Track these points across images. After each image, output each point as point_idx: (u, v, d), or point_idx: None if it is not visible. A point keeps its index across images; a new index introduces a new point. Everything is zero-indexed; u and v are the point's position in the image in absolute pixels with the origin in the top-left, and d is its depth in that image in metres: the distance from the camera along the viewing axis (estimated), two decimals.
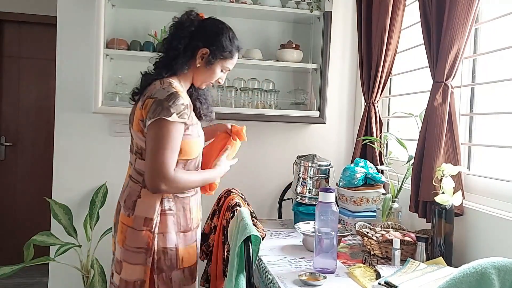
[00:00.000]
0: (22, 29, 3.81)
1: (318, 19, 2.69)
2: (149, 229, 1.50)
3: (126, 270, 1.53)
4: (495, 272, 0.98)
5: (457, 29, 1.65)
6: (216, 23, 1.67)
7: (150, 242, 1.50)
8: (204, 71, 1.62)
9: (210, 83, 1.67)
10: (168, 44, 1.60)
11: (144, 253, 1.50)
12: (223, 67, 1.64)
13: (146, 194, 1.52)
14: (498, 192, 1.64)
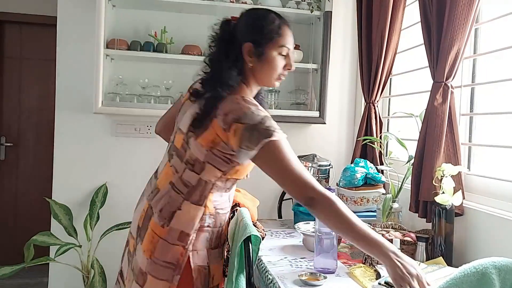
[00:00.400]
0: (22, 29, 3.81)
1: (318, 19, 2.69)
2: (183, 245, 1.37)
3: (151, 283, 1.37)
4: (495, 272, 0.98)
5: (457, 29, 1.65)
6: (246, 14, 1.44)
7: (180, 259, 1.37)
8: (261, 67, 1.40)
9: (279, 75, 1.44)
10: (210, 61, 1.43)
11: (172, 269, 1.36)
12: (280, 50, 1.39)
13: (188, 207, 1.38)
14: (498, 192, 1.64)
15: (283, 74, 1.45)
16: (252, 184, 2.66)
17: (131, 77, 2.56)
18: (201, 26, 2.69)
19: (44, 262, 2.41)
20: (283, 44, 1.39)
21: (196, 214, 1.39)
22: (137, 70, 2.63)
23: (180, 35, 2.64)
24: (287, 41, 1.40)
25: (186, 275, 1.37)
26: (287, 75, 1.49)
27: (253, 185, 2.72)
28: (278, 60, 1.41)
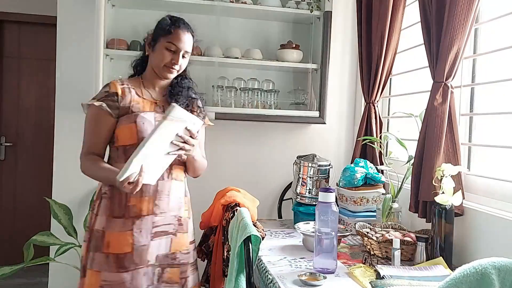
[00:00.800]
0: (22, 29, 3.81)
1: (318, 19, 2.69)
2: (92, 210, 1.68)
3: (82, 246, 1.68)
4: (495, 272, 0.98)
5: (457, 29, 1.65)
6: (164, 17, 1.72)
7: (90, 222, 1.65)
8: (153, 56, 1.68)
9: (165, 67, 1.65)
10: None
11: (88, 232, 1.65)
12: (167, 45, 1.63)
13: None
14: (498, 192, 1.64)
15: (171, 67, 1.66)
16: (252, 184, 2.67)
17: None
18: (201, 26, 2.68)
19: (44, 262, 2.41)
20: (171, 41, 1.64)
21: (99, 183, 1.69)
22: None
23: None
24: (176, 40, 1.64)
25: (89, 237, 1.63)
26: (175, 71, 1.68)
27: (253, 185, 2.73)
28: (165, 53, 1.64)
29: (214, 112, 2.52)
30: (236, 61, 2.57)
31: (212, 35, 2.63)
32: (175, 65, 1.65)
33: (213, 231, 1.87)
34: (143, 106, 1.67)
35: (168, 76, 1.69)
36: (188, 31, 1.67)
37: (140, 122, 1.61)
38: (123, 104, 1.63)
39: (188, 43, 1.67)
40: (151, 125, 1.62)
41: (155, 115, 1.66)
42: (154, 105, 1.70)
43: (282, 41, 2.74)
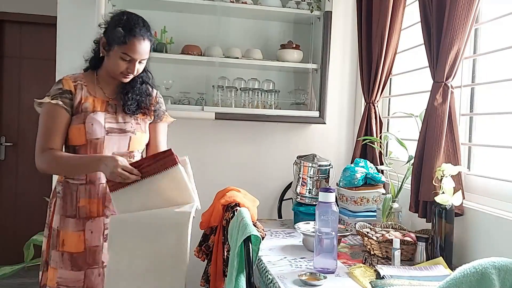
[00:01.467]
0: (22, 29, 3.81)
1: (318, 19, 2.69)
2: (49, 208, 1.69)
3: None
4: (495, 272, 0.98)
5: (457, 29, 1.65)
6: (119, 14, 1.65)
7: (48, 219, 1.68)
8: (107, 61, 1.62)
9: (121, 74, 1.61)
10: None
11: (47, 228, 1.69)
12: (122, 56, 1.57)
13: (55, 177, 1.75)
14: (498, 192, 1.64)
15: (126, 74, 1.61)
16: (252, 184, 2.67)
17: None
18: (201, 26, 2.69)
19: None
20: (125, 52, 1.56)
21: (55, 181, 1.71)
22: None
23: (180, 35, 2.64)
24: (131, 51, 1.57)
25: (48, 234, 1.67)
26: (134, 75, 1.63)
27: (253, 185, 2.73)
28: (119, 62, 1.58)
29: (214, 112, 2.52)
30: (237, 61, 2.58)
31: (212, 35, 2.63)
32: (130, 74, 1.62)
33: (213, 231, 1.87)
34: (93, 105, 1.64)
35: (124, 80, 1.65)
36: (144, 38, 1.59)
37: (89, 123, 1.60)
38: (75, 102, 1.62)
39: (145, 51, 1.60)
40: (100, 126, 1.61)
41: (106, 116, 1.64)
42: (106, 104, 1.67)
43: (282, 41, 2.74)
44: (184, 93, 2.63)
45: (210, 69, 2.61)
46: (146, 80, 1.73)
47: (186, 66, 2.66)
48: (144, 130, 1.72)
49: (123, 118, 1.67)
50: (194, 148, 2.70)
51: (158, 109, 1.78)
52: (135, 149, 1.70)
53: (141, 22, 1.61)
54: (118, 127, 1.66)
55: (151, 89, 1.76)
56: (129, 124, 1.67)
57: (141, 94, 1.69)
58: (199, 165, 2.73)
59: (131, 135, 1.67)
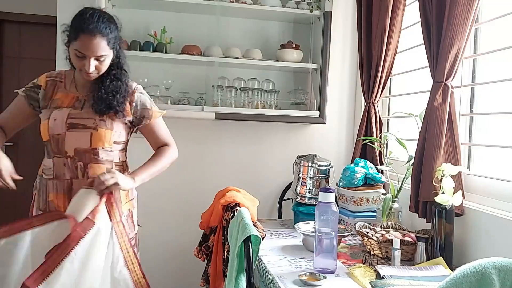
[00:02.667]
0: (22, 29, 3.81)
1: (318, 19, 2.69)
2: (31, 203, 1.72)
3: None
4: (495, 272, 0.98)
5: (457, 29, 1.65)
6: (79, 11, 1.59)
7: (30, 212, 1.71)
8: (70, 56, 1.60)
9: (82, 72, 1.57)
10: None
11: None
12: (75, 52, 1.53)
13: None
14: (498, 192, 1.64)
15: (86, 72, 1.57)
16: (252, 184, 2.67)
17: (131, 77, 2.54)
18: (201, 26, 2.69)
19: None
20: (76, 49, 1.53)
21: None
22: (136, 70, 2.62)
23: (180, 35, 2.64)
24: (81, 47, 1.52)
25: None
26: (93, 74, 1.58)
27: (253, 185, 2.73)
28: (75, 59, 1.57)
29: (214, 112, 2.52)
30: (236, 61, 2.58)
31: (212, 35, 2.63)
32: (87, 73, 1.56)
33: (213, 231, 1.87)
34: (62, 101, 1.64)
35: (87, 78, 1.61)
36: (95, 34, 1.51)
37: (52, 118, 1.62)
38: (44, 98, 1.66)
39: (97, 47, 1.52)
40: (62, 121, 1.60)
41: (70, 111, 1.61)
42: (75, 100, 1.64)
43: (282, 41, 2.74)
44: (183, 93, 2.63)
45: (210, 69, 2.61)
46: (118, 77, 1.66)
47: (186, 66, 2.67)
48: (109, 127, 1.63)
49: (87, 113, 1.62)
50: (194, 148, 2.70)
51: (140, 107, 1.71)
52: (98, 146, 1.62)
53: (95, 17, 1.53)
54: (80, 123, 1.61)
55: (125, 87, 1.68)
56: (91, 120, 1.61)
57: (108, 92, 1.62)
58: (199, 165, 2.73)
59: (92, 131, 1.61)
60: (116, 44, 1.62)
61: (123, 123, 1.69)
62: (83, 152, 1.61)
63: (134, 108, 1.70)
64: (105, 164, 1.65)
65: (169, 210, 2.68)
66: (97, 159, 1.63)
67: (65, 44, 1.60)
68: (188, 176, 2.69)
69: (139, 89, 1.75)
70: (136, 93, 1.72)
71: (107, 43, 1.55)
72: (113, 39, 1.58)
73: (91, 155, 1.62)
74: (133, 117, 1.71)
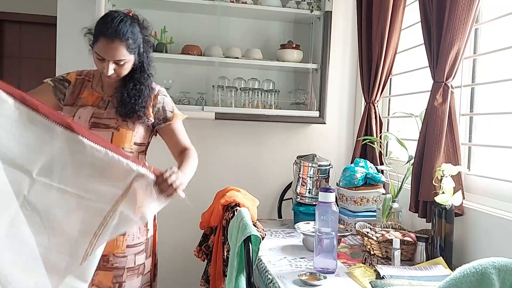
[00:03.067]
0: (22, 29, 3.81)
1: (318, 19, 2.69)
2: None
3: None
4: (495, 272, 0.98)
5: (457, 29, 1.65)
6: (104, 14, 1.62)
7: None
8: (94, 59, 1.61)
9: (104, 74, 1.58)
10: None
11: None
12: (97, 55, 1.56)
13: None
14: (498, 192, 1.64)
15: (106, 74, 1.57)
16: (252, 184, 2.68)
17: None
18: (201, 26, 2.69)
19: None
20: (96, 51, 1.56)
21: None
22: None
23: (180, 35, 2.64)
24: (100, 51, 1.54)
25: None
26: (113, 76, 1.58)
27: (253, 185, 2.73)
28: (97, 61, 1.59)
29: (214, 112, 2.52)
30: (237, 61, 2.58)
31: (212, 35, 2.63)
32: (107, 75, 1.57)
33: (213, 231, 1.87)
34: (87, 100, 1.65)
35: (110, 80, 1.62)
36: (114, 39, 1.51)
37: (76, 116, 1.62)
38: (71, 95, 1.66)
39: (115, 52, 1.52)
40: (85, 120, 1.61)
41: (95, 110, 1.62)
42: (100, 99, 1.65)
43: (282, 41, 2.74)
44: (184, 93, 2.63)
45: (210, 69, 2.61)
46: (141, 81, 1.66)
47: (186, 66, 2.67)
48: (130, 128, 1.64)
49: (110, 114, 1.64)
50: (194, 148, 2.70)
51: (162, 109, 1.71)
52: (119, 146, 1.61)
53: (116, 21, 1.52)
54: (103, 123, 1.62)
55: (148, 91, 1.68)
56: (113, 120, 1.62)
57: (131, 96, 1.63)
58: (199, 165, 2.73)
59: (113, 131, 1.61)
60: (139, 49, 1.60)
61: (145, 125, 1.69)
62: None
63: (156, 111, 1.70)
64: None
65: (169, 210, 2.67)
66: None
67: (89, 45, 1.61)
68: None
69: (163, 91, 1.75)
70: (159, 95, 1.72)
71: (126, 48, 1.54)
72: (133, 44, 1.56)
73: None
74: (155, 120, 1.70)
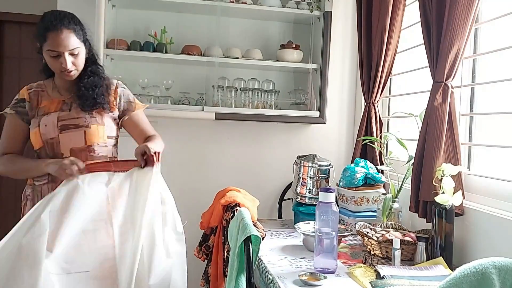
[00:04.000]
0: (22, 29, 3.81)
1: (318, 19, 2.69)
2: (21, 211, 1.70)
3: None
4: (495, 272, 0.98)
5: (457, 29, 1.65)
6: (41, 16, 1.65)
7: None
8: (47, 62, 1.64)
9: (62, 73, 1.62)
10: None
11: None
12: (50, 53, 1.59)
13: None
14: (498, 192, 1.64)
15: (65, 72, 1.60)
16: (252, 184, 2.68)
17: (131, 77, 2.56)
18: (201, 26, 2.69)
19: None
20: (49, 49, 1.57)
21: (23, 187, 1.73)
22: (137, 70, 2.63)
23: (180, 35, 2.64)
24: (52, 45, 1.56)
25: None
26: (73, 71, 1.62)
27: (253, 185, 2.73)
28: (51, 61, 1.60)
29: (214, 112, 2.52)
30: (236, 61, 2.58)
31: (212, 35, 2.64)
32: (66, 69, 1.60)
33: (213, 231, 1.87)
34: (48, 107, 1.67)
35: (70, 78, 1.65)
36: (61, 29, 1.56)
37: (42, 125, 1.64)
38: (30, 109, 1.68)
39: (68, 41, 1.57)
40: (53, 125, 1.63)
41: (59, 114, 1.65)
42: (62, 103, 1.68)
43: (282, 41, 2.74)
44: (184, 93, 2.63)
45: (210, 69, 2.61)
46: (95, 72, 1.70)
47: (186, 66, 2.67)
48: (100, 123, 1.68)
49: (77, 113, 1.67)
50: (194, 148, 2.70)
51: (124, 100, 1.77)
52: (93, 142, 1.67)
53: (56, 15, 1.59)
54: (72, 123, 1.65)
55: (103, 80, 1.72)
56: (82, 119, 1.66)
57: (88, 88, 1.66)
58: (199, 165, 2.73)
59: (85, 129, 1.65)
60: (86, 37, 1.66)
61: (112, 118, 1.74)
62: (79, 151, 1.64)
63: (118, 102, 1.76)
64: (101, 159, 1.68)
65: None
66: (93, 156, 1.67)
67: (37, 52, 1.64)
68: (188, 176, 2.69)
69: (121, 84, 1.81)
70: (118, 88, 1.78)
71: (75, 36, 1.59)
72: (80, 31, 1.62)
73: (87, 152, 1.65)
74: (119, 112, 1.76)
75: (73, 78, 1.66)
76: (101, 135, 1.68)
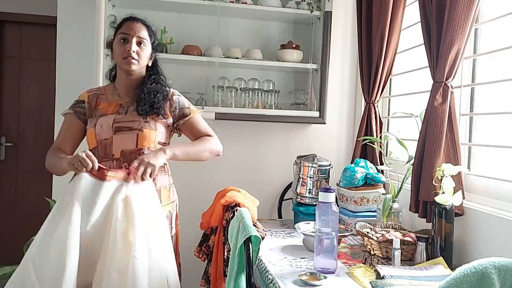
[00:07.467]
0: (22, 29, 3.81)
1: (318, 19, 2.69)
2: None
3: None
4: (495, 272, 0.98)
5: (457, 29, 1.66)
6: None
7: None
8: (114, 56, 1.76)
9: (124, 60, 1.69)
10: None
11: None
12: (120, 37, 1.71)
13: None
14: (498, 192, 1.64)
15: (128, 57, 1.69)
16: (252, 184, 2.68)
17: None
18: (202, 26, 2.69)
19: None
20: (122, 32, 1.72)
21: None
22: None
23: (180, 35, 2.64)
24: (126, 29, 1.72)
25: None
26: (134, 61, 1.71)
27: (253, 185, 2.73)
28: (119, 46, 1.72)
29: (214, 112, 2.52)
30: (237, 61, 2.58)
31: (212, 35, 2.64)
32: (130, 53, 1.68)
33: (213, 231, 1.87)
34: (106, 109, 1.74)
35: (129, 68, 1.71)
36: (137, 21, 1.74)
37: (98, 125, 1.70)
38: (89, 109, 1.75)
39: (139, 28, 1.72)
40: (108, 127, 1.69)
41: (115, 117, 1.71)
42: (119, 106, 1.75)
43: (282, 41, 2.74)
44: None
45: (210, 69, 2.61)
46: (157, 81, 1.79)
47: (186, 66, 2.67)
48: (153, 128, 1.73)
49: (132, 117, 1.72)
50: None
51: (179, 107, 1.82)
52: (144, 146, 1.70)
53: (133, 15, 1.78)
54: (126, 126, 1.70)
55: (163, 88, 1.79)
56: (136, 122, 1.71)
57: (150, 93, 1.74)
58: (199, 165, 2.73)
59: (138, 132, 1.70)
60: (154, 44, 1.79)
61: (166, 125, 1.79)
62: (129, 153, 1.68)
63: (173, 110, 1.81)
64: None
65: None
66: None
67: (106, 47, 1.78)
68: (188, 176, 2.69)
69: (176, 92, 1.87)
70: (174, 96, 1.84)
71: (147, 32, 1.75)
72: (152, 34, 1.77)
73: (137, 155, 1.66)
74: (173, 119, 1.81)
75: (131, 68, 1.71)
76: (152, 140, 1.72)
